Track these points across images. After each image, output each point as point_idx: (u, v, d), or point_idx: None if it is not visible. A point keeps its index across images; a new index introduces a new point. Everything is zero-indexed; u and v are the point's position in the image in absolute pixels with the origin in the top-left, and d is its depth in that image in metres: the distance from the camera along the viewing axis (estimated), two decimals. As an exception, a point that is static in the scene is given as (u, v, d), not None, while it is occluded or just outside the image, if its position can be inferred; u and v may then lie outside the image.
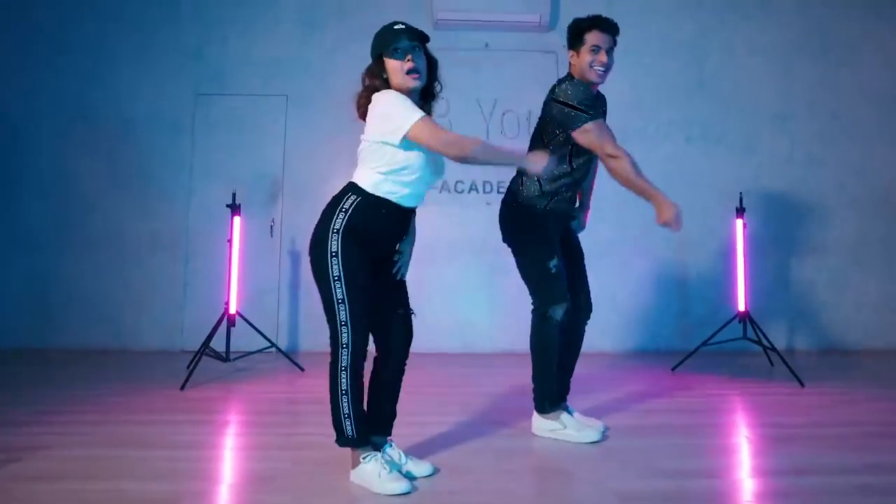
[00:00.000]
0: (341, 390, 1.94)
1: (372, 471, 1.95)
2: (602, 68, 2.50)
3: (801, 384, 3.66)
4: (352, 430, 1.96)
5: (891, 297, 5.24)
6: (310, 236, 2.02)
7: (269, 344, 4.13)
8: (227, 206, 4.03)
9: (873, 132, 5.37)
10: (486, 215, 4.92)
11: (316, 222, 2.02)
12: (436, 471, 2.13)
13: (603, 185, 5.08)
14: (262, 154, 5.13)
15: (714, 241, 5.10)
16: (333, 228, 1.94)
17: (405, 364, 2.15)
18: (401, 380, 2.17)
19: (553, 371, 2.60)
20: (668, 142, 5.28)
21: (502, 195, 2.79)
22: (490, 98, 5.24)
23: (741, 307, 4.14)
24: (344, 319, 1.93)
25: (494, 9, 5.08)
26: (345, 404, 1.95)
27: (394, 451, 2.11)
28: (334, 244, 1.94)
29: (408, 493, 1.91)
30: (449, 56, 5.05)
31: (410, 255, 2.17)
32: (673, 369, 4.20)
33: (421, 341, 2.18)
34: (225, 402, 3.30)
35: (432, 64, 2.05)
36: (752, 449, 2.51)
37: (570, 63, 2.60)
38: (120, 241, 5.04)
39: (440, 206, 4.99)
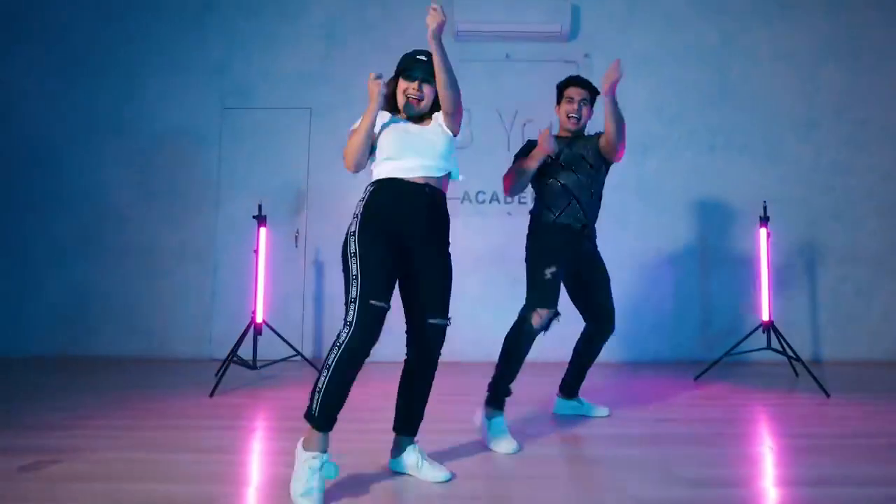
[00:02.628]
0: (326, 364, 1.95)
1: (304, 467, 1.92)
2: (575, 115, 2.97)
3: (827, 395, 3.64)
4: (317, 406, 1.95)
5: (921, 307, 5.15)
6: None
7: (294, 352, 4.23)
8: (254, 217, 4.16)
9: (903, 138, 5.31)
10: (506, 225, 5.01)
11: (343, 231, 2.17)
12: (453, 476, 2.19)
13: (626, 197, 5.13)
14: (287, 165, 5.27)
15: (737, 250, 5.11)
16: (354, 214, 2.12)
17: (433, 370, 2.23)
18: (429, 384, 2.24)
19: (513, 375, 2.76)
20: (690, 150, 5.30)
21: (524, 205, 2.96)
22: (511, 108, 5.31)
23: (765, 317, 4.13)
24: (354, 296, 1.98)
25: (515, 19, 5.16)
26: (322, 378, 1.95)
27: (415, 454, 2.19)
28: (353, 226, 2.09)
29: None
30: (470, 67, 5.21)
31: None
32: (695, 378, 4.21)
33: (444, 350, 2.25)
34: (252, 408, 3.40)
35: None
36: (774, 459, 2.51)
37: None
38: (150, 252, 5.25)
39: (462, 217, 5.05)
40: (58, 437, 2.71)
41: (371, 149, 2.21)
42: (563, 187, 2.91)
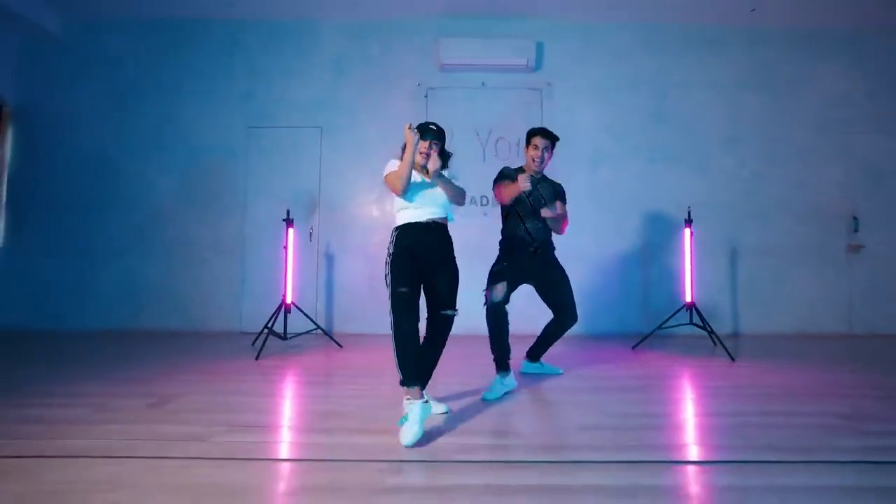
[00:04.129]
0: (392, 342, 2.56)
1: (410, 412, 2.44)
2: (538, 160, 3.48)
3: (733, 359, 4.31)
4: (400, 371, 2.52)
5: (823, 292, 5.83)
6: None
7: (314, 326, 4.86)
8: (283, 220, 4.77)
9: (810, 153, 5.93)
10: (481, 223, 5.59)
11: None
12: (449, 410, 2.88)
13: (581, 202, 5.73)
14: (302, 175, 5.82)
15: (674, 244, 5.62)
16: (388, 251, 2.77)
17: (441, 344, 2.81)
18: (440, 352, 2.82)
19: (501, 340, 3.35)
20: (635, 162, 5.90)
21: (496, 207, 3.68)
22: (486, 127, 5.89)
23: (688, 298, 4.84)
24: (389, 292, 2.63)
25: (489, 54, 5.74)
26: (393, 352, 2.54)
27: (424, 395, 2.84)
28: (388, 258, 2.74)
29: (409, 445, 2.32)
30: (452, 94, 5.89)
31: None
32: (633, 348, 4.86)
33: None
34: (287, 368, 4.04)
35: (445, 155, 2.91)
36: (685, 401, 3.17)
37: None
38: (189, 245, 5.79)
39: (447, 217, 5.63)
40: (159, 386, 3.35)
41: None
42: (522, 221, 3.50)
